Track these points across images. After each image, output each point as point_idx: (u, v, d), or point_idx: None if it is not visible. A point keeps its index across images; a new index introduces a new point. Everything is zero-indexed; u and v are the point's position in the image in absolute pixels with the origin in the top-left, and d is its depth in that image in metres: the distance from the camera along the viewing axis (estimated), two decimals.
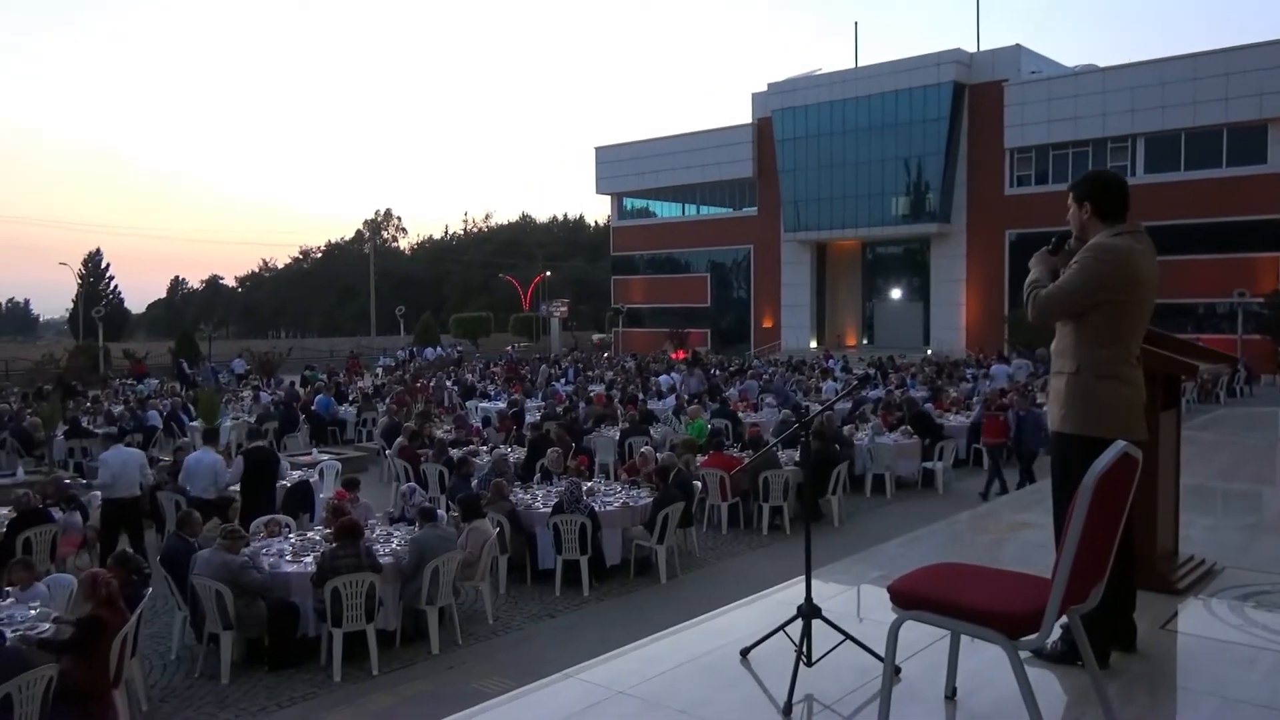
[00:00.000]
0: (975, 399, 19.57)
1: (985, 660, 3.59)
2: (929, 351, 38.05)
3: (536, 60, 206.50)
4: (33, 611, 7.11)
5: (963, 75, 40.74)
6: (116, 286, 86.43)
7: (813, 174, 44.81)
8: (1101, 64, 39.37)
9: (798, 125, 45.20)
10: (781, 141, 45.63)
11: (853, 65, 44.81)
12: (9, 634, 6.29)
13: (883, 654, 3.07)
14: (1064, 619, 2.94)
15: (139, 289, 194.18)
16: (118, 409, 21.65)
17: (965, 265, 41.75)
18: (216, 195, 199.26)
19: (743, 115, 49.55)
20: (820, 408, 11.76)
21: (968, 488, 14.59)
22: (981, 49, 41.85)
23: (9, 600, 7.55)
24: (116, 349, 43.98)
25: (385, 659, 7.87)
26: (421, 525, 8.79)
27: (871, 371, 27.11)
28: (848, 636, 3.78)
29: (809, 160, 44.84)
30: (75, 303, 70.16)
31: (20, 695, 5.63)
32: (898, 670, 3.53)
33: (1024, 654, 3.00)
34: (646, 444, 13.93)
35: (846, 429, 15.12)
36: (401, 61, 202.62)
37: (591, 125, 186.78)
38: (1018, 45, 40.83)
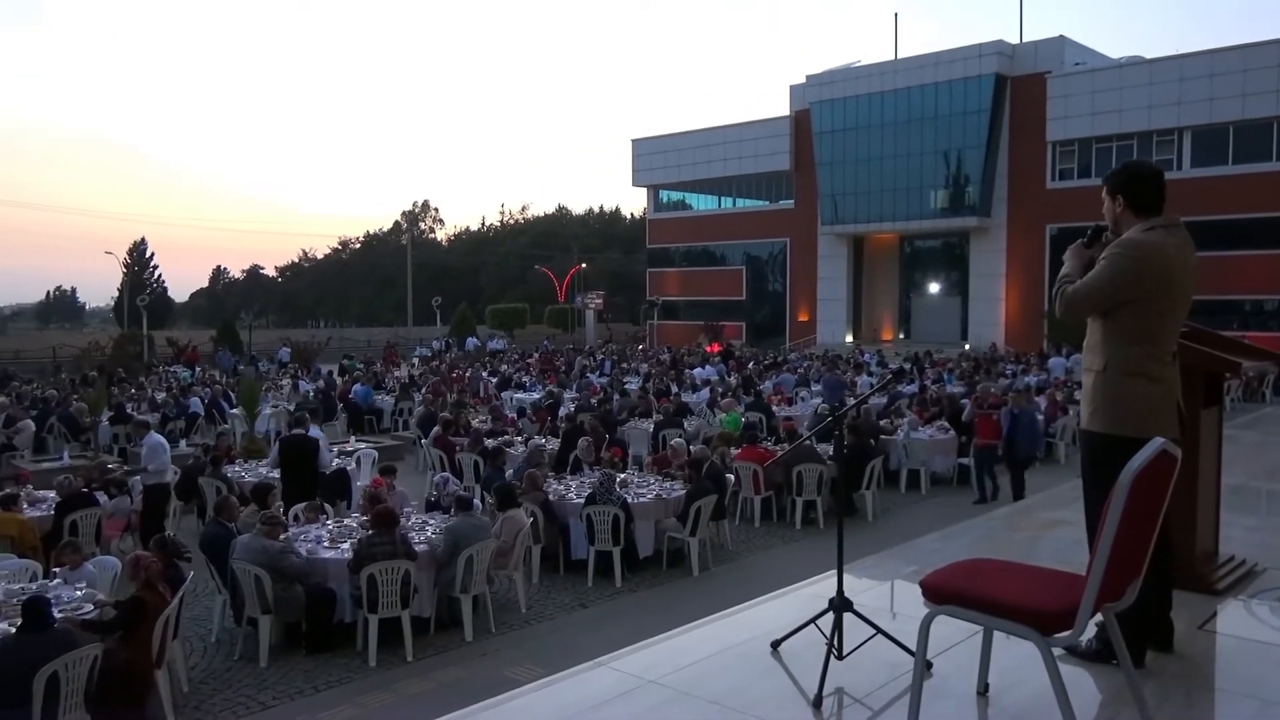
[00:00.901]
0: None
1: (1018, 657, 3.57)
2: (966, 346, 37.64)
3: (574, 53, 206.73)
4: (79, 592, 7.29)
5: (1005, 67, 40.15)
6: (160, 276, 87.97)
7: (851, 167, 44.44)
8: (1148, 55, 38.64)
9: (836, 118, 44.83)
10: (819, 134, 45.29)
11: (892, 57, 44.35)
12: (56, 614, 6.44)
13: (914, 649, 3.06)
14: (1098, 617, 2.92)
15: (182, 278, 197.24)
16: (161, 396, 22.07)
17: (1005, 260, 41.20)
18: (257, 186, 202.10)
19: (780, 108, 49.26)
20: (854, 402, 11.71)
21: (1003, 485, 14.44)
22: (1024, 40, 41.23)
23: (56, 581, 7.75)
24: (160, 337, 44.73)
25: (420, 645, 7.97)
26: (457, 513, 8.88)
27: (907, 366, 26.88)
28: (879, 630, 3.77)
29: (847, 153, 44.47)
30: (120, 291, 71.45)
31: (67, 674, 5.79)
32: (929, 665, 3.52)
33: (1057, 651, 2.98)
34: (677, 437, 13.94)
35: (882, 424, 15.03)
36: (441, 55, 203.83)
37: (628, 118, 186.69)
38: (1061, 36, 40.17)
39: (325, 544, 8.71)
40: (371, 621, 7.76)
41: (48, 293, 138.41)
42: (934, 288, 45.99)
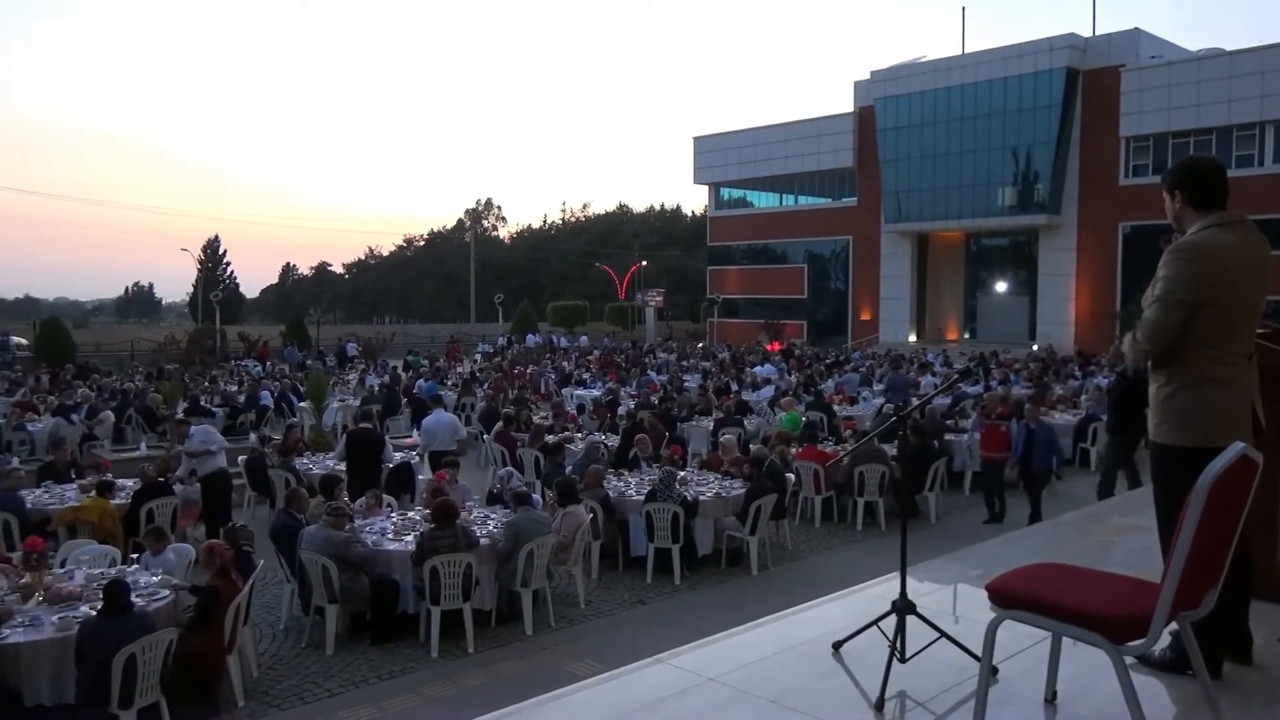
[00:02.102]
0: (1084, 396, 18.91)
1: (1087, 664, 3.48)
2: (1035, 346, 36.81)
3: (637, 50, 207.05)
4: (155, 578, 7.53)
5: (1076, 61, 39.17)
6: (233, 272, 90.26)
7: (915, 164, 43.77)
8: (1228, 48, 37.34)
9: (901, 114, 44.20)
10: (884, 130, 44.71)
11: (959, 52, 43.57)
12: (134, 599, 6.66)
13: (979, 653, 3.01)
14: (1173, 625, 2.84)
15: (253, 275, 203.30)
16: (232, 389, 22.66)
17: (1075, 258, 40.21)
18: (326, 186, 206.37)
19: (844, 104, 48.76)
20: (918, 402, 11.54)
21: (1072, 489, 14.10)
22: (1097, 34, 40.18)
23: (135, 566, 8.02)
24: (232, 332, 45.93)
25: (480, 638, 8.07)
26: (516, 509, 8.97)
27: (972, 366, 26.41)
28: (943, 634, 3.72)
29: (912, 149, 43.81)
30: (195, 287, 73.61)
31: (144, 656, 6.00)
32: (995, 670, 3.46)
33: (1129, 660, 2.90)
34: (725, 434, 13.87)
35: (946, 424, 14.79)
36: (506, 54, 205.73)
37: (690, 115, 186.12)
38: (1136, 29, 39.06)
39: (389, 536, 8.86)
40: (434, 613, 7.88)
41: (126, 288, 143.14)
42: (1000, 287, 45.09)
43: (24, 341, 41.30)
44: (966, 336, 44.98)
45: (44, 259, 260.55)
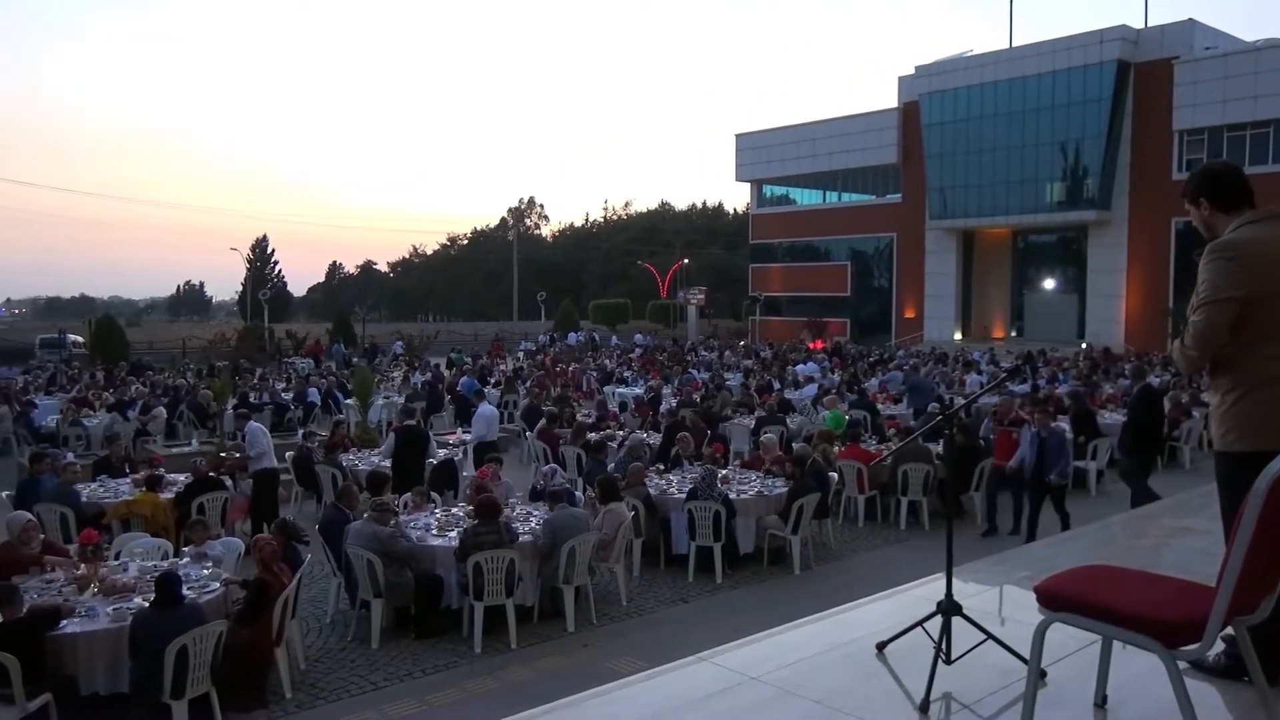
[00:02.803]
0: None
1: (1139, 669, 3.42)
2: (1084, 345, 36.15)
3: (678, 47, 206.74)
4: (206, 571, 7.68)
5: (1128, 53, 38.38)
6: (281, 271, 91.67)
7: (961, 159, 43.20)
8: None
9: (946, 109, 43.65)
10: (929, 126, 44.18)
11: (1006, 46, 42.92)
12: (185, 591, 6.80)
13: (1026, 656, 2.97)
14: (1228, 630, 2.77)
15: (300, 273, 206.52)
16: (281, 385, 23.03)
17: (1126, 255, 39.42)
18: (371, 185, 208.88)
19: (888, 100, 48.28)
20: (965, 401, 11.39)
21: (1122, 489, 13.81)
22: (1149, 25, 39.35)
23: (186, 559, 8.18)
24: (280, 330, 46.69)
25: (523, 634, 8.12)
26: (553, 507, 9.01)
27: (1020, 364, 26.01)
28: (990, 636, 3.66)
29: (957, 145, 43.24)
30: (244, 286, 74.91)
31: (195, 647, 6.12)
32: (1043, 674, 3.41)
33: (1182, 665, 2.84)
34: (767, 433, 13.79)
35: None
36: (548, 53, 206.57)
37: (732, 112, 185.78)
38: (1190, 20, 38.18)
39: (433, 532, 8.95)
40: (477, 609, 7.94)
41: (178, 287, 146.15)
42: (1048, 284, 44.37)
43: (80, 339, 42.37)
44: (1013, 334, 44.32)
45: (99, 259, 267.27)
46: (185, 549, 8.54)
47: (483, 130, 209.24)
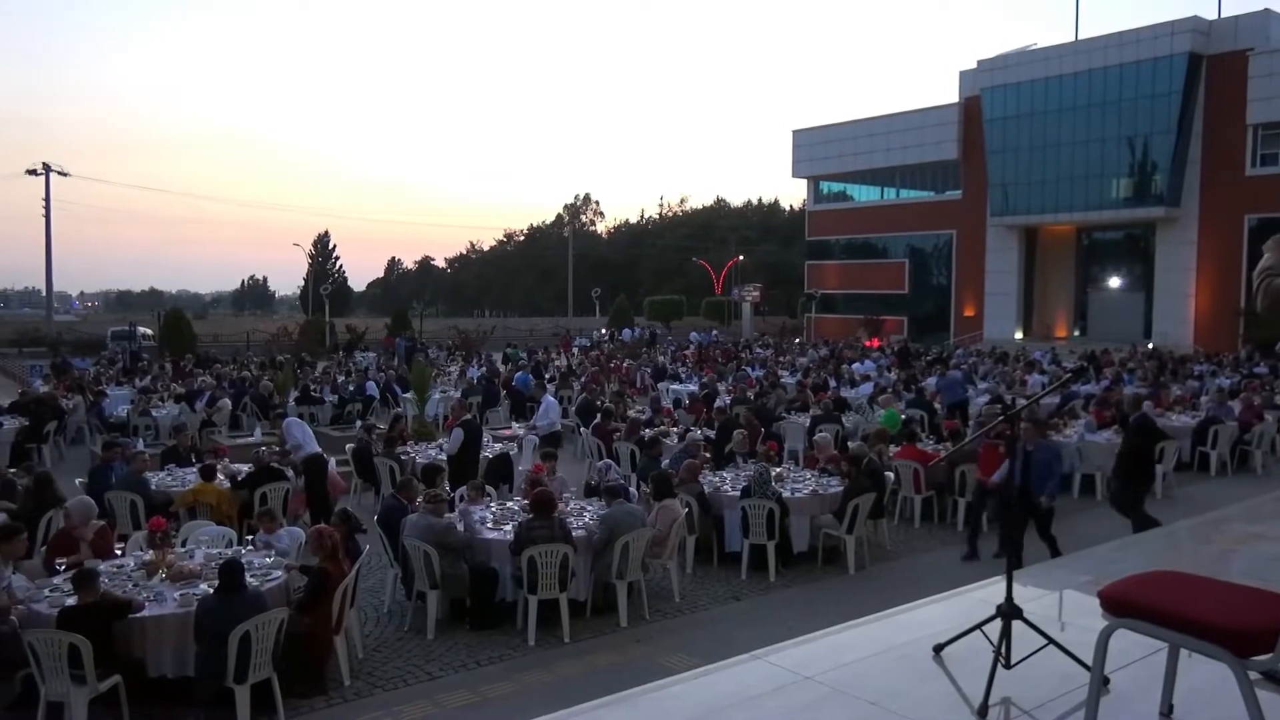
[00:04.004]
0: (1204, 398, 18.02)
1: (1207, 678, 3.32)
2: (1150, 345, 35.22)
3: (735, 43, 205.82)
4: (269, 559, 7.85)
5: (1200, 45, 37.26)
6: (341, 266, 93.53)
7: (1024, 155, 42.35)
8: None
9: (1009, 103, 42.81)
10: (990, 121, 43.40)
11: (1073, 39, 41.96)
12: (249, 579, 6.96)
13: (1089, 662, 2.91)
14: None
15: (360, 269, 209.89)
16: (341, 379, 23.44)
17: (1196, 253, 38.30)
18: (429, 182, 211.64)
19: (948, 95, 47.52)
20: (1027, 401, 11.16)
21: (1190, 494, 13.50)
22: (1222, 16, 38.16)
23: (249, 547, 8.38)
24: (340, 324, 47.50)
25: (576, 628, 8.17)
26: (609, 503, 9.03)
27: (1083, 365, 25.43)
28: (1050, 641, 3.60)
29: (1020, 140, 42.40)
30: (306, 281, 76.45)
31: (258, 633, 6.26)
32: (1106, 681, 3.33)
33: (1254, 675, 2.76)
34: (822, 432, 13.66)
35: (1052, 423, 14.28)
36: (606, 50, 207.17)
37: (789, 108, 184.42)
38: (1266, 10, 36.93)
39: (489, 525, 9.04)
40: (531, 602, 8.01)
41: (243, 281, 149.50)
42: (1114, 282, 43.33)
43: (150, 332, 43.61)
44: (1076, 334, 43.37)
45: (168, 254, 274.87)
46: (250, 537, 8.75)
47: (540, 127, 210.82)
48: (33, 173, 50.94)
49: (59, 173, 51.25)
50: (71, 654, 5.98)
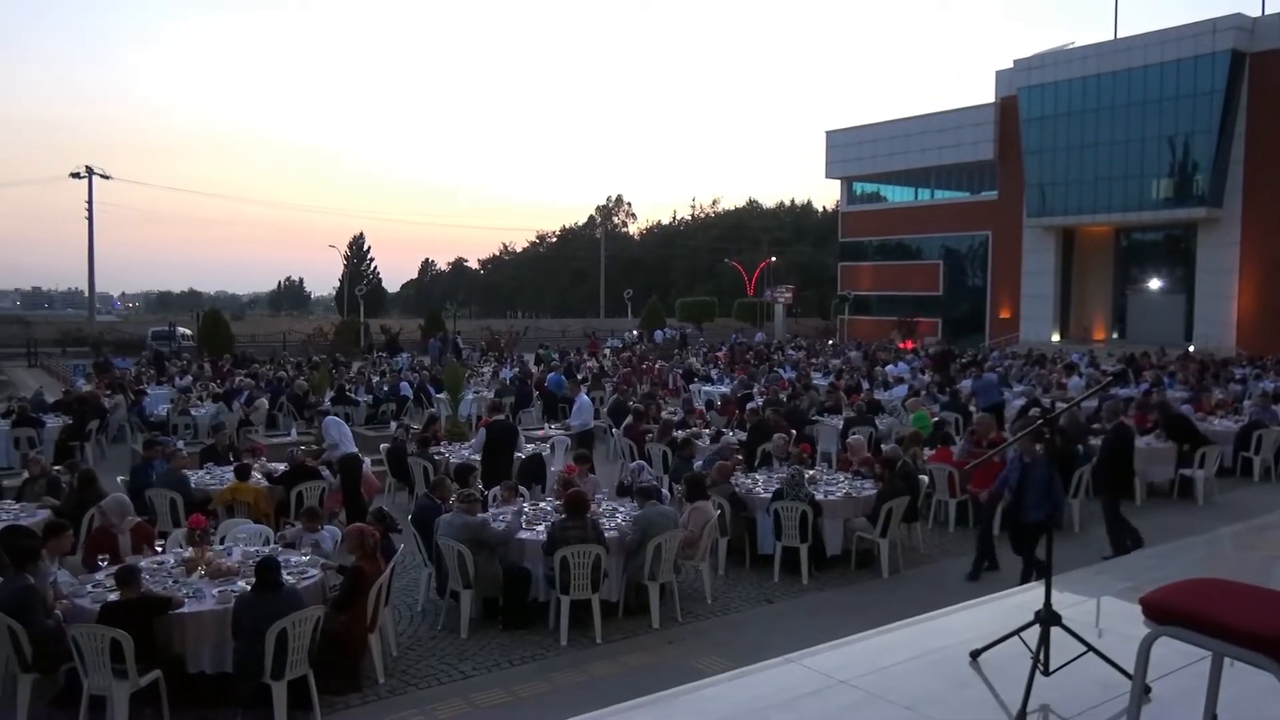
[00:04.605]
0: (1247, 401, 17.69)
1: (1253, 688, 3.26)
2: (1191, 348, 34.63)
3: (767, 45, 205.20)
4: (305, 557, 7.94)
5: (1243, 43, 36.59)
6: (376, 268, 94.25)
7: (1061, 155, 41.84)
8: None
9: (1046, 103, 42.32)
10: (1027, 121, 42.92)
11: (1111, 37, 41.38)
12: (285, 577, 7.04)
13: (1130, 670, 2.87)
14: None
15: (394, 270, 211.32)
16: (376, 379, 23.65)
17: (1239, 254, 37.61)
18: (463, 183, 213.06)
19: (984, 95, 47.11)
20: (1067, 404, 11.03)
21: (1233, 500, 13.26)
22: (1267, 12, 37.44)
23: (279, 543, 8.49)
24: (375, 324, 47.94)
25: (608, 629, 8.18)
26: (642, 504, 9.03)
27: (1124, 367, 25.04)
28: (1090, 648, 3.55)
29: (1058, 140, 41.88)
30: (341, 282, 77.24)
31: (294, 630, 6.33)
32: (1147, 689, 3.28)
33: None
34: (855, 434, 13.58)
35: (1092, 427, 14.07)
36: (637, 52, 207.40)
37: (822, 109, 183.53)
38: None
39: (521, 524, 9.07)
40: (564, 602, 8.03)
41: (279, 282, 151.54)
42: (1154, 284, 42.67)
43: (188, 332, 44.30)
44: (1115, 336, 42.75)
45: (207, 255, 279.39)
46: (283, 532, 8.86)
47: (572, 129, 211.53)
48: (76, 176, 51.98)
49: (101, 176, 52.26)
50: (113, 649, 6.09)
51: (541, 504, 10.02)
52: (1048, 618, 3.55)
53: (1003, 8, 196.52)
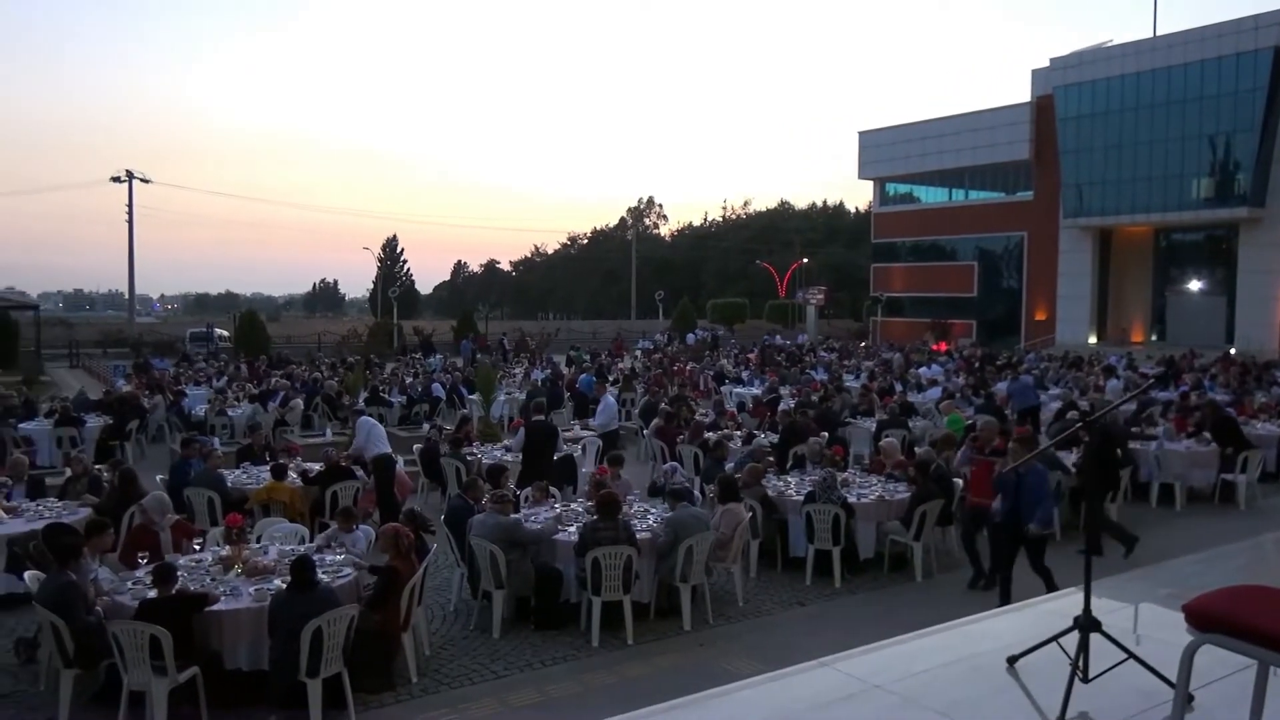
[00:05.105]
0: None
1: None
2: (1232, 350, 34.00)
3: (798, 45, 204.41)
4: (339, 556, 8.01)
5: None
6: (409, 270, 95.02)
7: (1099, 154, 41.28)
8: None
9: (1084, 102, 41.77)
10: (1064, 120, 42.39)
11: (1150, 35, 40.78)
12: (320, 576, 7.11)
13: (1171, 678, 2.82)
14: None
15: (427, 272, 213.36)
16: (409, 380, 23.83)
17: None
18: (494, 185, 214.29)
19: (1019, 94, 46.61)
20: (1106, 407, 10.87)
21: (1276, 505, 13.00)
22: None
23: (316, 543, 8.56)
24: (408, 326, 48.30)
25: (639, 630, 8.17)
26: (674, 506, 9.02)
27: (1165, 370, 24.65)
28: (1130, 655, 3.49)
29: (1095, 140, 41.32)
30: (375, 284, 77.94)
31: (329, 629, 6.39)
32: (1190, 698, 3.23)
33: None
34: (888, 437, 13.46)
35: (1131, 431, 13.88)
36: (668, 53, 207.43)
37: (854, 109, 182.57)
38: None
39: (557, 526, 9.08)
40: (595, 603, 8.04)
41: (314, 284, 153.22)
42: (1194, 285, 41.96)
43: (225, 333, 44.90)
44: (1153, 338, 42.10)
45: (243, 257, 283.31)
46: (323, 533, 8.94)
47: (603, 131, 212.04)
48: (116, 180, 52.91)
49: (141, 179, 53.16)
50: (152, 645, 6.17)
51: (573, 505, 10.04)
52: (1087, 624, 3.50)
53: (1037, 7, 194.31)
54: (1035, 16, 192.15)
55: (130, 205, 52.94)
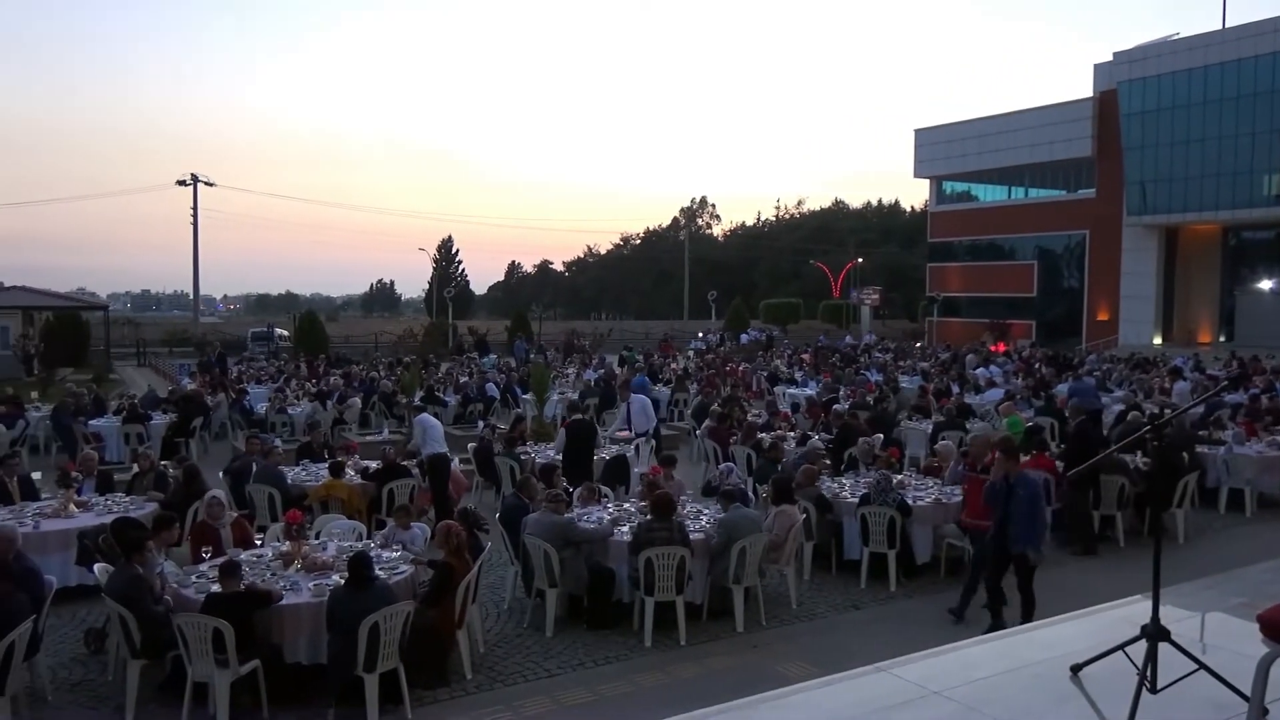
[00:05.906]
0: None
1: None
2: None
3: (854, 43, 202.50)
4: (396, 552, 8.12)
5: None
6: (464, 270, 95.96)
7: (1165, 151, 40.17)
8: None
9: (1148, 97, 40.69)
10: (1128, 115, 41.34)
11: (1219, 27, 39.59)
12: (377, 572, 7.20)
13: (1245, 690, 2.73)
14: None
15: (481, 272, 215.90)
16: (464, 379, 24.07)
17: None
18: (548, 186, 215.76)
19: (1081, 89, 45.61)
20: (1175, 411, 10.58)
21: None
22: None
23: (376, 540, 8.68)
24: (462, 326, 48.81)
25: (692, 631, 8.15)
26: (726, 507, 8.98)
27: (1238, 372, 23.91)
28: (1201, 665, 3.39)
29: (1160, 135, 40.23)
30: (430, 284, 78.87)
31: (386, 625, 6.48)
32: (1265, 711, 3.12)
33: None
34: (944, 439, 13.23)
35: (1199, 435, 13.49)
36: (722, 53, 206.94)
37: (910, 107, 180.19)
38: None
39: (606, 525, 9.09)
40: (648, 603, 8.04)
41: (371, 284, 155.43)
42: (1265, 284, 40.64)
43: (285, 333, 45.82)
44: (1222, 339, 40.87)
45: (303, 257, 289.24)
46: (380, 531, 9.07)
47: (657, 131, 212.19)
48: (181, 183, 54.25)
49: (205, 183, 54.42)
50: (215, 638, 6.31)
51: (626, 505, 10.04)
52: (1155, 633, 3.40)
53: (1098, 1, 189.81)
54: (1096, 9, 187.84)
55: (195, 208, 54.24)
